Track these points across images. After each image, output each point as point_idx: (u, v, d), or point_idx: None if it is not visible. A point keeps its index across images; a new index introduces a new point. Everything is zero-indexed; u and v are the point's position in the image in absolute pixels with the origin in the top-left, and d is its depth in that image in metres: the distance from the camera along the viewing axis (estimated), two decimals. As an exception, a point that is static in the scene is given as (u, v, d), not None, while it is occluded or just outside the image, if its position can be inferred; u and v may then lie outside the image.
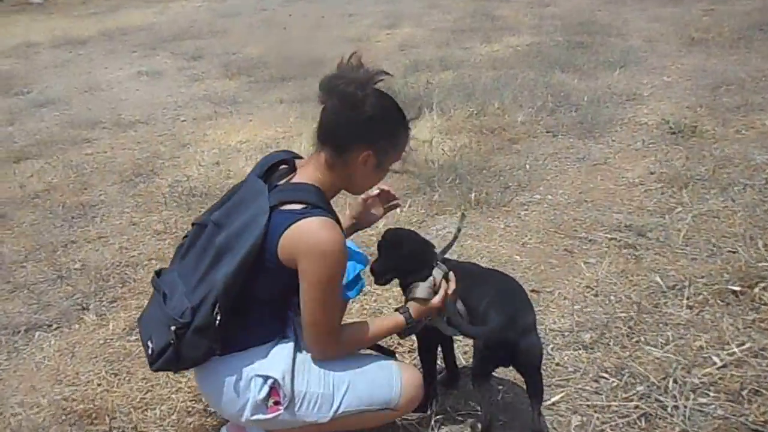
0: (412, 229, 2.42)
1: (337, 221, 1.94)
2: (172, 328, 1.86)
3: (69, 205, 4.69)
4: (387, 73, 1.99)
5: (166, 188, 4.82)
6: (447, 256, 2.27)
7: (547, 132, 5.28)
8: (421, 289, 2.10)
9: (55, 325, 3.27)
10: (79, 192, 4.93)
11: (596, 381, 2.53)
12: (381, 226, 3.14)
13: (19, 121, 6.93)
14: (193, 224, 2.11)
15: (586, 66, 6.83)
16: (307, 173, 1.99)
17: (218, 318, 1.85)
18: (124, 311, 3.32)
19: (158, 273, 2.11)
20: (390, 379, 2.08)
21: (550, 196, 4.22)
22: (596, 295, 3.08)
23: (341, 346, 2.03)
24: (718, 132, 4.92)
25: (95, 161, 5.55)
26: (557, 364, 2.64)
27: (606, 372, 2.57)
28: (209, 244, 1.94)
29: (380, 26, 10.05)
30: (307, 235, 1.84)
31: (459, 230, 2.27)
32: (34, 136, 6.36)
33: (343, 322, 2.08)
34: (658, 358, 2.60)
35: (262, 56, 8.86)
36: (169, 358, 1.90)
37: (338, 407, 2.00)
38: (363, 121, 1.92)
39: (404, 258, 2.17)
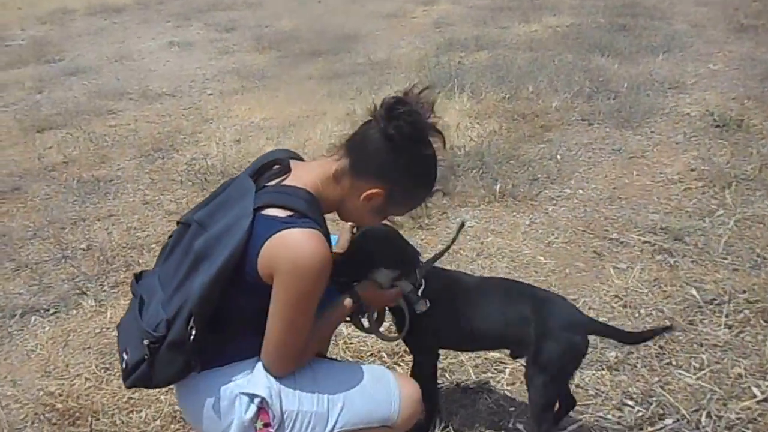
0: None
1: (327, 236, 1.74)
2: (146, 341, 1.67)
3: (84, 179, 4.56)
4: (443, 135, 1.78)
5: (183, 165, 4.67)
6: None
7: (583, 120, 5.00)
8: (384, 274, 1.90)
9: (52, 310, 3.14)
10: (97, 166, 4.81)
11: (619, 409, 2.30)
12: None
13: (48, 89, 6.84)
14: (178, 222, 1.92)
15: (627, 50, 6.48)
16: (307, 177, 1.77)
17: (193, 332, 1.66)
18: (123, 298, 3.18)
19: (138, 276, 1.92)
20: (389, 394, 1.88)
21: (581, 191, 3.97)
22: (625, 307, 2.84)
23: (301, 364, 1.81)
24: (766, 127, 4.59)
25: (117, 134, 5.42)
26: (577, 386, 2.41)
27: (631, 399, 2.34)
28: (190, 247, 1.74)
29: (416, 2, 9.73)
30: (288, 248, 1.62)
31: (454, 240, 2.06)
32: (61, 105, 6.25)
33: None
34: (690, 386, 2.36)
35: (294, 30, 8.65)
36: (142, 373, 1.70)
37: (333, 427, 1.80)
38: (396, 165, 1.73)
39: (381, 256, 1.94)
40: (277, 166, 1.83)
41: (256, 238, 1.64)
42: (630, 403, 2.32)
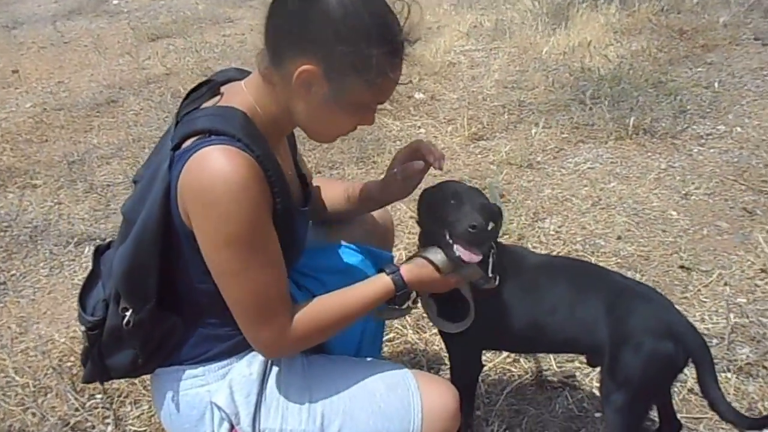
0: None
1: (270, 162, 1.24)
2: (83, 328, 1.35)
3: (180, 94, 4.31)
4: None
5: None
6: None
7: (756, 39, 4.20)
8: (441, 255, 1.40)
9: (109, 240, 2.91)
10: (197, 78, 4.52)
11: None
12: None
13: (172, -6, 6.68)
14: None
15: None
16: (238, 94, 1.30)
17: (127, 315, 1.28)
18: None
19: (99, 249, 1.51)
20: (406, 408, 1.39)
21: (739, 129, 3.24)
22: (773, 286, 2.21)
23: (300, 340, 1.31)
24: None
25: (225, 44, 5.14)
26: (690, 391, 1.86)
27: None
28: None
29: None
30: (191, 176, 1.18)
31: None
32: (179, 12, 6.07)
33: None
34: None
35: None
36: (93, 367, 1.38)
37: None
38: (308, 17, 1.19)
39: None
40: (203, 88, 1.34)
41: (174, 183, 1.21)
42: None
